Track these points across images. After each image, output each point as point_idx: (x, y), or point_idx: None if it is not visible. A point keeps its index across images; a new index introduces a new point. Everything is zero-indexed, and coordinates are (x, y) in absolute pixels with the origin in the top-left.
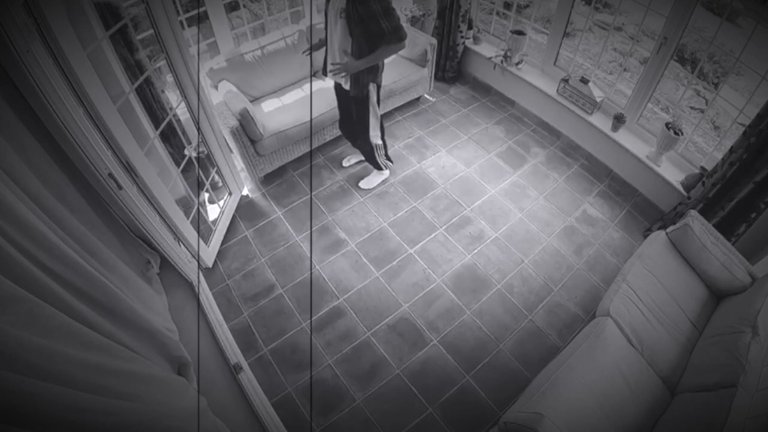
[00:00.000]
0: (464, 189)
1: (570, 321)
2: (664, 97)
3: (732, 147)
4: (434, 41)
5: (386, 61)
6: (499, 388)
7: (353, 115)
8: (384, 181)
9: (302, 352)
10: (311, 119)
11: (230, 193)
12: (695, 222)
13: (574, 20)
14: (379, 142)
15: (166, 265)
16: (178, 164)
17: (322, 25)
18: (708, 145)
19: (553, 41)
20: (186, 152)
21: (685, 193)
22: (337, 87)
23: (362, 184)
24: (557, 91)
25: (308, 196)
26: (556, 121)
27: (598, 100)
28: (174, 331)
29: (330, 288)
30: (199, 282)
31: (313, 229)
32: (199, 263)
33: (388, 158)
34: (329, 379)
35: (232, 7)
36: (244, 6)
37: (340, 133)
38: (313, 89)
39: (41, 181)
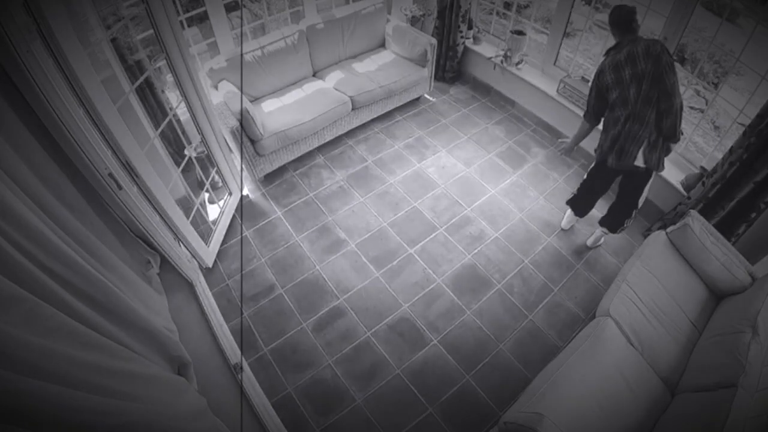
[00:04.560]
0: (464, 189)
1: (570, 321)
2: None
3: (732, 147)
4: (434, 41)
5: (386, 61)
6: (499, 388)
7: (628, 189)
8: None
9: (303, 352)
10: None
11: (230, 193)
12: (695, 222)
13: (574, 20)
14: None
15: (166, 265)
16: (178, 164)
17: (322, 25)
18: (708, 145)
19: (553, 41)
20: (186, 152)
21: (685, 193)
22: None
23: (589, 242)
24: (557, 91)
25: (308, 196)
26: (556, 121)
27: None
28: (174, 331)
29: (330, 288)
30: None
31: (312, 229)
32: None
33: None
34: (329, 379)
35: (232, 7)
36: (244, 6)
37: (340, 133)
38: (312, 90)
39: (41, 181)
